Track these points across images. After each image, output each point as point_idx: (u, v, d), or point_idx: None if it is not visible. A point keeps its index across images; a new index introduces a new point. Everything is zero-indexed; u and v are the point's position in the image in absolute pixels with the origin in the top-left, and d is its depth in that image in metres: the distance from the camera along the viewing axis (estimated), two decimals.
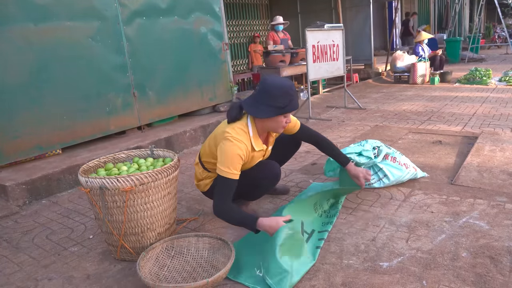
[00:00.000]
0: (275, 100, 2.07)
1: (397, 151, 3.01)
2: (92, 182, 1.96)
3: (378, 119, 5.17)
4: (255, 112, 2.13)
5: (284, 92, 2.08)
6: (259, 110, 2.11)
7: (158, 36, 4.46)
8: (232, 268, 1.89)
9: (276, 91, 2.07)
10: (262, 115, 2.12)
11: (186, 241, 2.11)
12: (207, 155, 2.35)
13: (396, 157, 2.88)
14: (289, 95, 2.09)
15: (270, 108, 2.09)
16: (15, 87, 3.37)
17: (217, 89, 5.27)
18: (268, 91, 2.08)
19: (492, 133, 3.99)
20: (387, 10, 13.55)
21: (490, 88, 7.04)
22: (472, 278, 1.77)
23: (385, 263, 1.94)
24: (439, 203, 2.53)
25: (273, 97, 2.07)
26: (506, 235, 2.09)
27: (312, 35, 5.35)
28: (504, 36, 16.38)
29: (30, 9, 3.41)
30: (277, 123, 2.17)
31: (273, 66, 6.16)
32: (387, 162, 2.83)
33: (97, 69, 3.93)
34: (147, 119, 4.48)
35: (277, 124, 2.18)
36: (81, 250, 2.34)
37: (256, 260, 2.00)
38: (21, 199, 3.12)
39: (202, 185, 2.48)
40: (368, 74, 9.72)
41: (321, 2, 10.15)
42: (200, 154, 2.45)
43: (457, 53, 12.12)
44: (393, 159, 2.86)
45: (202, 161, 2.42)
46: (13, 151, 3.41)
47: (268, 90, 2.09)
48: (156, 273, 1.94)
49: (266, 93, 2.09)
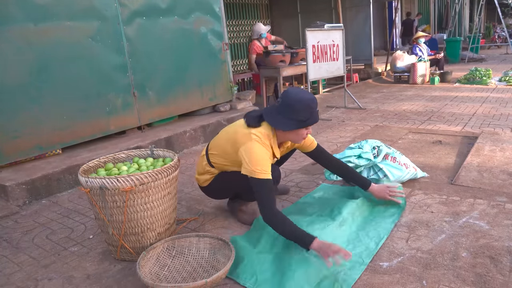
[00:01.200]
0: (297, 114, 2.10)
1: (397, 151, 3.01)
2: (92, 182, 1.96)
3: (378, 119, 5.17)
4: (276, 124, 2.15)
5: (306, 106, 2.10)
6: (281, 123, 2.14)
7: (158, 36, 4.46)
8: (232, 267, 1.89)
9: (298, 105, 2.10)
10: (284, 128, 2.14)
11: (187, 241, 2.11)
12: (217, 148, 2.36)
13: (396, 157, 2.88)
14: (311, 109, 2.11)
15: (292, 121, 2.12)
16: (15, 87, 3.37)
17: (217, 89, 5.27)
18: (290, 105, 2.11)
19: (492, 133, 3.99)
20: (387, 10, 13.55)
21: (490, 88, 7.04)
22: (472, 278, 1.77)
23: (385, 263, 1.94)
24: (439, 203, 2.53)
25: (295, 111, 2.10)
26: (506, 235, 2.09)
27: (312, 35, 5.35)
28: (504, 36, 16.38)
29: (30, 9, 3.41)
30: (298, 136, 2.22)
31: (273, 66, 6.16)
32: (387, 162, 2.83)
33: (97, 69, 3.93)
34: (147, 119, 4.48)
35: (297, 136, 2.22)
36: (81, 250, 2.34)
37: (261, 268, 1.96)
38: (21, 199, 3.12)
39: (201, 180, 2.48)
40: (368, 74, 9.72)
41: (321, 2, 10.15)
42: (209, 146, 2.45)
43: (457, 53, 12.12)
44: (393, 159, 2.86)
45: (209, 153, 2.41)
46: (13, 151, 3.40)
47: (290, 103, 2.11)
48: (156, 273, 1.94)
49: (288, 107, 2.11)
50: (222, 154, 2.31)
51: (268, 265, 1.97)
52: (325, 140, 4.27)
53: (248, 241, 2.20)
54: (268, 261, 2.00)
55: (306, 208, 2.58)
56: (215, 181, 2.43)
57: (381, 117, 5.28)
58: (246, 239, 2.23)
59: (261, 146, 2.10)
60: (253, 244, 2.15)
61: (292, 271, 1.86)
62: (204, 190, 2.53)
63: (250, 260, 2.01)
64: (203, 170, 2.46)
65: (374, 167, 2.83)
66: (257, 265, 1.97)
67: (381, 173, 2.81)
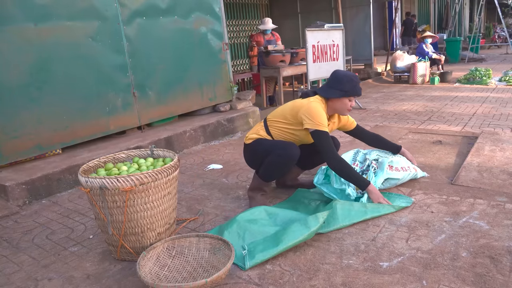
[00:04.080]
0: (342, 85, 2.57)
1: (395, 156, 2.94)
2: (92, 182, 1.96)
3: (378, 119, 5.17)
4: (325, 93, 2.62)
5: (349, 79, 2.59)
6: (329, 92, 2.61)
7: (158, 36, 4.46)
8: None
9: (343, 78, 2.59)
10: (331, 95, 2.60)
11: (187, 241, 2.11)
12: (275, 115, 2.73)
13: (392, 165, 2.80)
14: (353, 82, 2.59)
15: (337, 91, 2.58)
16: (15, 87, 3.37)
17: (217, 89, 5.27)
18: (337, 78, 2.62)
19: (492, 133, 3.99)
20: (387, 10, 13.56)
21: (490, 88, 7.04)
22: (472, 278, 1.77)
23: (385, 263, 1.94)
24: (439, 203, 2.53)
25: (340, 82, 2.58)
26: (506, 235, 2.09)
27: (312, 35, 5.35)
28: (504, 36, 16.38)
29: (30, 9, 3.41)
30: (343, 105, 2.63)
31: (273, 66, 6.16)
32: (387, 171, 2.77)
33: (97, 69, 3.93)
34: (147, 119, 4.48)
35: (343, 105, 2.63)
36: (81, 250, 2.34)
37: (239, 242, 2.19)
38: (21, 199, 3.12)
39: (249, 137, 2.76)
40: (368, 74, 9.72)
41: (321, 2, 10.15)
42: (268, 116, 2.78)
43: (457, 53, 12.12)
44: (390, 167, 2.79)
45: (267, 120, 2.75)
46: (13, 151, 3.40)
47: (337, 77, 2.62)
48: (156, 273, 1.94)
49: (335, 79, 2.61)
50: (282, 118, 2.67)
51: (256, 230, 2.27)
52: None
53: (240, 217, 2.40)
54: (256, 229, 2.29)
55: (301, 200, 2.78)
56: (258, 141, 2.70)
57: (381, 117, 5.28)
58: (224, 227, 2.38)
59: (319, 106, 2.54)
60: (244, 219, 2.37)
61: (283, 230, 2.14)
62: (246, 147, 2.79)
63: (240, 225, 2.29)
64: (254, 131, 2.77)
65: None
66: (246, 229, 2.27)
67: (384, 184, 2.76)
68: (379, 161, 2.84)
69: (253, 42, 6.88)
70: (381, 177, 2.70)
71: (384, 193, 2.70)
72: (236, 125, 5.02)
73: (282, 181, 2.98)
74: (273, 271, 1.95)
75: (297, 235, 2.06)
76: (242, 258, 2.02)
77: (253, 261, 1.98)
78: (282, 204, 2.71)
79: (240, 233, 2.24)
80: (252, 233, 2.24)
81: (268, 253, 2.01)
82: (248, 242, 2.15)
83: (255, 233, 2.24)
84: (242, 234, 2.24)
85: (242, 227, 2.28)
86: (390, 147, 3.00)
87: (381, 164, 2.79)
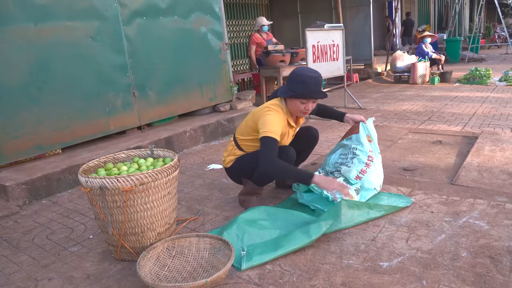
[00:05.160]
0: (294, 85, 2.37)
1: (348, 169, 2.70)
2: (92, 182, 1.96)
3: (378, 119, 5.17)
4: (279, 92, 2.46)
5: (303, 80, 2.34)
6: (281, 90, 2.44)
7: (158, 36, 4.46)
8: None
9: (297, 77, 2.37)
10: (280, 93, 2.43)
11: (187, 241, 2.11)
12: (242, 132, 2.62)
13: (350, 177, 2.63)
14: (307, 83, 2.34)
15: (288, 90, 2.39)
16: (15, 87, 3.37)
17: (217, 89, 5.27)
18: (291, 76, 2.41)
19: (492, 133, 3.99)
20: (387, 10, 13.55)
21: (490, 88, 7.04)
22: (472, 278, 1.77)
23: (385, 263, 1.94)
24: (439, 203, 2.53)
25: (292, 81, 2.38)
26: (506, 235, 2.09)
27: (312, 35, 5.35)
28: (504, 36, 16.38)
29: (30, 9, 3.41)
30: (296, 106, 2.43)
31: (273, 66, 6.15)
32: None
33: (97, 69, 3.93)
34: (147, 119, 4.48)
35: (295, 107, 2.43)
36: (81, 250, 2.34)
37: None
38: (21, 199, 3.12)
39: (227, 160, 2.70)
40: (368, 74, 9.72)
41: (321, 2, 10.15)
42: (236, 132, 2.70)
43: (457, 53, 12.12)
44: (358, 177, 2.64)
45: (236, 138, 2.65)
46: (13, 151, 3.40)
47: (292, 75, 2.42)
48: (156, 273, 1.94)
49: (290, 77, 2.42)
50: (249, 135, 2.55)
51: (256, 233, 2.24)
52: (325, 140, 4.27)
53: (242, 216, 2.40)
54: (257, 232, 2.26)
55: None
56: (237, 161, 2.64)
57: (381, 117, 5.28)
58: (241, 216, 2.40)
59: (273, 114, 2.37)
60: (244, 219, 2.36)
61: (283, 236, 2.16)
62: (228, 170, 2.73)
63: (240, 226, 2.28)
64: (229, 152, 2.70)
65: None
66: (246, 231, 2.25)
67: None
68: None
69: (252, 44, 6.85)
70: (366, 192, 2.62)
71: (384, 193, 2.71)
72: (236, 125, 5.02)
73: (282, 181, 2.98)
74: (273, 271, 1.95)
75: (297, 242, 2.06)
76: (239, 259, 2.02)
77: (249, 263, 1.98)
78: (283, 204, 2.71)
79: (239, 235, 2.24)
80: (251, 235, 2.23)
81: (266, 257, 2.01)
82: (247, 244, 2.15)
83: (254, 235, 2.23)
84: (241, 236, 2.23)
85: (241, 229, 2.27)
86: (336, 115, 2.89)
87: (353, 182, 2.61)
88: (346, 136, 2.92)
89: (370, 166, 2.66)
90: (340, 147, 2.93)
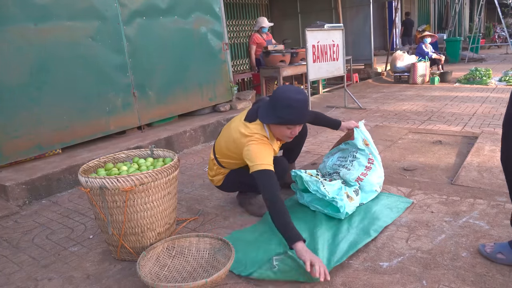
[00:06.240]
0: (278, 111, 2.11)
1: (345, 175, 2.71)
2: (92, 182, 1.96)
3: (378, 119, 5.17)
4: (261, 116, 2.19)
5: (287, 105, 2.08)
6: (263, 115, 2.18)
7: (158, 36, 4.46)
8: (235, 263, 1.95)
9: (280, 103, 2.10)
10: (265, 120, 2.17)
11: (187, 241, 2.11)
12: (223, 155, 2.44)
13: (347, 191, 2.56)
14: (291, 108, 2.09)
15: (272, 116, 2.14)
16: (15, 87, 3.37)
17: (217, 89, 5.27)
18: (274, 100, 2.13)
19: (492, 133, 3.99)
20: (387, 10, 13.55)
21: (490, 88, 7.04)
22: (472, 278, 1.77)
23: (385, 263, 1.94)
24: (439, 203, 2.53)
25: (276, 107, 2.11)
26: (506, 235, 2.08)
27: (312, 35, 5.35)
28: (504, 36, 16.38)
29: (30, 9, 3.40)
30: (282, 132, 2.20)
31: (273, 66, 6.16)
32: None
33: (97, 69, 3.93)
34: (147, 119, 4.48)
35: (281, 132, 2.20)
36: (81, 250, 2.34)
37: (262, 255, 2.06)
38: (21, 199, 3.12)
39: (215, 180, 2.62)
40: (368, 74, 9.72)
41: (321, 2, 10.15)
42: (215, 151, 2.52)
43: (457, 53, 12.12)
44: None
45: (219, 160, 2.50)
46: (13, 151, 3.40)
47: (274, 99, 2.13)
48: (156, 273, 1.94)
49: (272, 101, 2.14)
50: (229, 158, 2.41)
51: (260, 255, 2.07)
52: (324, 140, 4.27)
53: (248, 234, 2.30)
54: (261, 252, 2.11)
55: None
56: (227, 179, 2.55)
57: (381, 117, 5.28)
58: (247, 232, 2.32)
59: (258, 144, 2.14)
60: (252, 237, 2.24)
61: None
62: (219, 188, 2.65)
63: (244, 252, 2.10)
64: (215, 172, 2.58)
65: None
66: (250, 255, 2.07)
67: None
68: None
69: (253, 44, 6.85)
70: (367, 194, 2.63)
71: (384, 193, 2.70)
72: None
73: (282, 181, 2.98)
74: None
75: (293, 275, 1.89)
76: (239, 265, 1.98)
77: (246, 274, 1.92)
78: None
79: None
80: (255, 259, 2.06)
81: (262, 276, 1.90)
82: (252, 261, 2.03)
83: (259, 258, 2.06)
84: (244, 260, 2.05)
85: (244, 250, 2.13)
86: (332, 124, 2.75)
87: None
88: (340, 142, 2.94)
89: (371, 169, 2.69)
90: (338, 150, 2.94)
